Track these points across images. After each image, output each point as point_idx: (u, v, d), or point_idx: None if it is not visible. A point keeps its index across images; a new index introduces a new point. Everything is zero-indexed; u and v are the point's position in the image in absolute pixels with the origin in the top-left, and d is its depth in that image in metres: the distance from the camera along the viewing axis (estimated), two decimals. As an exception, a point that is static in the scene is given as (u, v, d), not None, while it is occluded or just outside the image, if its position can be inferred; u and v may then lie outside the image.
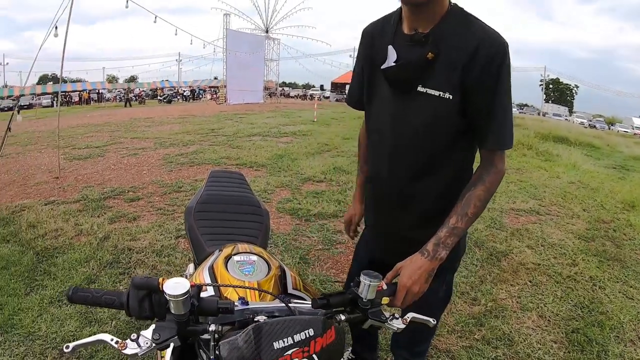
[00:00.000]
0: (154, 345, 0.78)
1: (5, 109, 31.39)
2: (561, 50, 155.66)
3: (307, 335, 0.78)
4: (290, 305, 0.90)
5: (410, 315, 1.02)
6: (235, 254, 1.20)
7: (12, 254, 3.32)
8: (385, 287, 1.03)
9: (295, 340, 0.77)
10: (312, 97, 54.20)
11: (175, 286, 0.78)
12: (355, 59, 1.46)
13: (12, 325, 2.41)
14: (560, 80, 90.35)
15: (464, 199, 1.18)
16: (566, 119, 50.21)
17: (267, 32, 38.08)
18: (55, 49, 5.93)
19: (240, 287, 1.03)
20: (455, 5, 1.17)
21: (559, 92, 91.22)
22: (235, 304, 0.89)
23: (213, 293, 1.03)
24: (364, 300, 0.95)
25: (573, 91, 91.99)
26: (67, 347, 0.76)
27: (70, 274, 3.02)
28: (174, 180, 5.74)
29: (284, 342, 0.76)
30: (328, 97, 53.37)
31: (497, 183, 1.21)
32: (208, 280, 1.10)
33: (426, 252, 1.16)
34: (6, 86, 51.42)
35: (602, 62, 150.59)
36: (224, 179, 1.94)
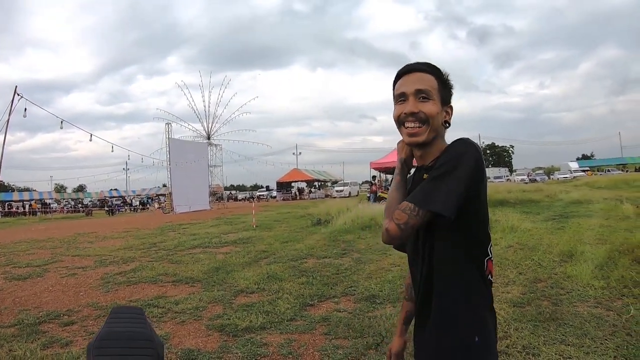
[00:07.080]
0: None
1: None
2: (491, 116, 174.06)
3: None
4: None
5: None
6: None
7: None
8: None
9: None
10: (259, 198, 55.29)
11: None
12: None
13: None
14: (496, 144, 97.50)
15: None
16: (508, 179, 52.73)
17: (209, 138, 39.44)
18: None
19: None
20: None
21: (496, 155, 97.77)
22: None
23: None
24: None
25: (509, 151, 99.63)
26: None
27: (-2, 404, 3.27)
28: (109, 302, 5.98)
29: None
30: (275, 197, 54.50)
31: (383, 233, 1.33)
32: None
33: None
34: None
35: (531, 118, 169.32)
36: (124, 316, 2.49)
